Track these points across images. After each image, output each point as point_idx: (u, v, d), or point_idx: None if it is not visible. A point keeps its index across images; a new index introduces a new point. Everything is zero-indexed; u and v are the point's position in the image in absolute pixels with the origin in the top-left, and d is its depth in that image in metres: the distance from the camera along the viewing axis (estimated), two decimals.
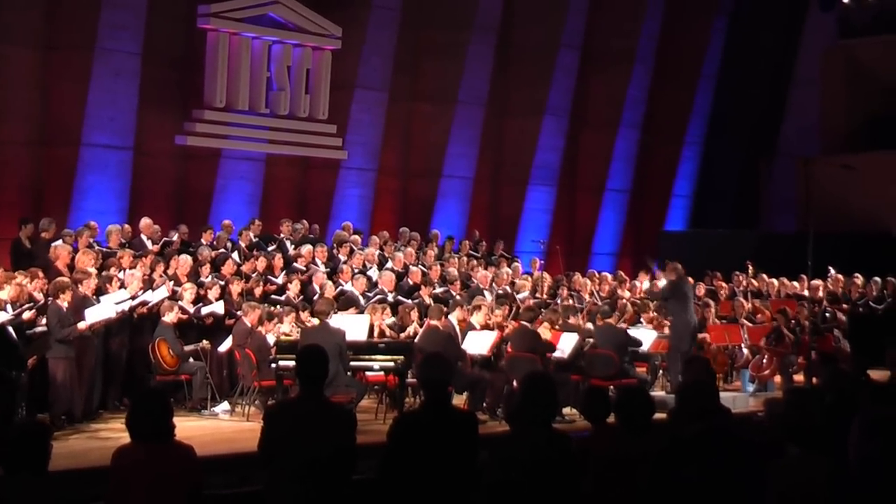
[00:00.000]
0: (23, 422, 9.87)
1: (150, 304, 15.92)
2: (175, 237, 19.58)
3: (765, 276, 23.02)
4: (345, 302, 17.80)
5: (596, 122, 28.99)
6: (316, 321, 15.34)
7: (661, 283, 18.96)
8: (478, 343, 16.35)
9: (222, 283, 17.45)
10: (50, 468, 6.40)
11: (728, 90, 31.09)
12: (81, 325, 14.28)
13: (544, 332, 16.46)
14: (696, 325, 18.34)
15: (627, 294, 21.30)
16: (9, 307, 13.51)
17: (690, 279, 19.50)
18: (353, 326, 15.68)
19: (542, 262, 23.71)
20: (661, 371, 18.77)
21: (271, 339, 15.71)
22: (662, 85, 29.71)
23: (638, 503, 7.17)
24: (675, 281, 18.37)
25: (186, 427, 13.16)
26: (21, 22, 20.40)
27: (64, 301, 14.18)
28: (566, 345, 16.63)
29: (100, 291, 15.38)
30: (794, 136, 31.07)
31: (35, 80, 20.80)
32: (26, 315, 13.72)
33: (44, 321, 14.15)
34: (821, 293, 21.57)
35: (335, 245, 21.02)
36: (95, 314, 14.61)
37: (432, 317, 16.24)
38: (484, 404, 16.03)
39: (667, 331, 18.35)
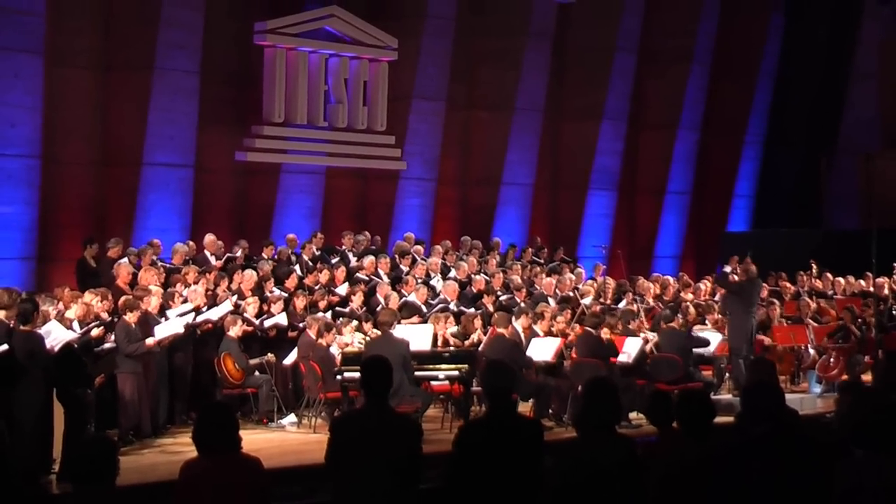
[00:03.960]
0: (90, 437, 9.99)
1: (214, 320, 16.05)
2: (238, 253, 19.71)
3: (829, 274, 22.84)
4: (408, 310, 17.86)
5: (654, 124, 28.88)
6: (379, 332, 15.38)
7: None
8: (542, 349, 16.34)
9: (286, 296, 17.55)
10: (119, 483, 6.46)
11: (787, 87, 30.87)
12: (150, 341, 14.44)
13: (605, 337, 16.43)
14: (753, 330, 18.12)
15: (691, 297, 21.17)
16: (76, 325, 13.66)
17: None
18: (416, 336, 15.73)
19: (605, 266, 23.65)
20: (726, 374, 18.65)
21: (334, 350, 15.77)
22: (720, 84, 29.54)
23: None
24: (744, 282, 18.27)
25: (253, 439, 13.26)
26: (79, 44, 20.62)
27: (132, 318, 14.33)
28: (631, 349, 16.58)
29: (164, 308, 15.55)
30: (854, 132, 30.75)
31: (94, 101, 20.99)
32: (94, 332, 13.86)
33: (112, 338, 14.31)
34: (886, 290, 21.35)
35: (397, 255, 21.07)
36: (164, 330, 14.78)
37: (498, 324, 16.22)
38: (550, 411, 16.03)
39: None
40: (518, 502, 7.15)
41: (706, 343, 17.25)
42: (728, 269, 23.96)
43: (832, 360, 18.82)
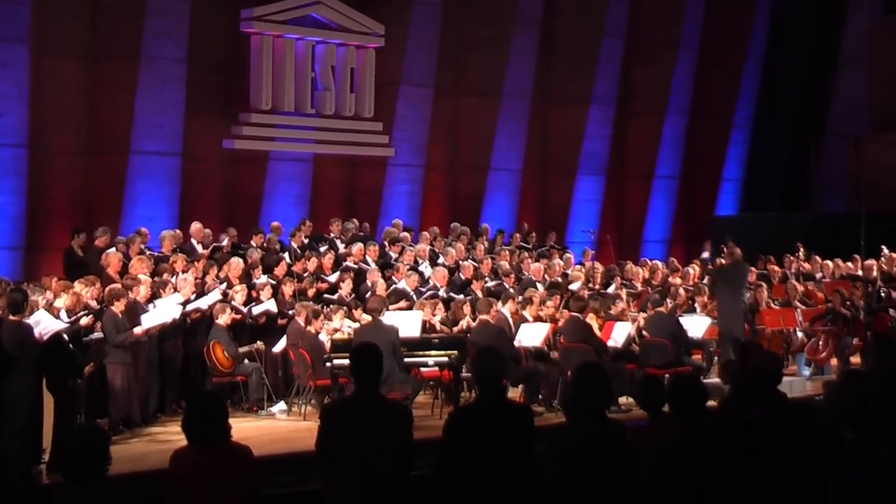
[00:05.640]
0: (82, 428, 9.97)
1: (203, 309, 16.03)
2: (225, 241, 19.69)
3: (818, 257, 22.88)
4: (396, 296, 17.85)
5: (643, 110, 28.90)
6: (368, 319, 15.37)
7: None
8: (531, 335, 16.34)
9: (274, 283, 17.54)
10: (110, 472, 6.45)
11: (775, 72, 30.90)
12: (138, 331, 14.42)
13: (591, 321, 16.45)
14: (746, 311, 18.20)
15: (679, 281, 21.18)
16: (64, 315, 13.63)
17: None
18: (405, 323, 15.71)
19: (594, 252, 23.65)
20: (716, 358, 18.67)
21: (323, 337, 15.77)
22: (708, 69, 29.56)
23: (695, 492, 7.16)
24: (729, 265, 18.29)
25: (243, 428, 13.27)
26: (65, 33, 20.58)
27: (119, 308, 14.31)
28: (619, 334, 16.59)
29: (154, 297, 15.53)
30: (843, 116, 30.77)
31: (82, 91, 20.97)
32: (84, 321, 13.83)
33: (100, 327, 14.29)
34: (875, 273, 21.37)
35: (386, 242, 21.04)
36: (152, 319, 14.76)
37: (482, 311, 16.23)
38: (539, 396, 16.04)
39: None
40: (509, 488, 7.16)
41: (689, 341, 17.24)
42: (706, 254, 23.98)
43: (821, 343, 18.86)
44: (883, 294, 20.46)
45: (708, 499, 7.11)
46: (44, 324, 12.71)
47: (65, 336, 13.02)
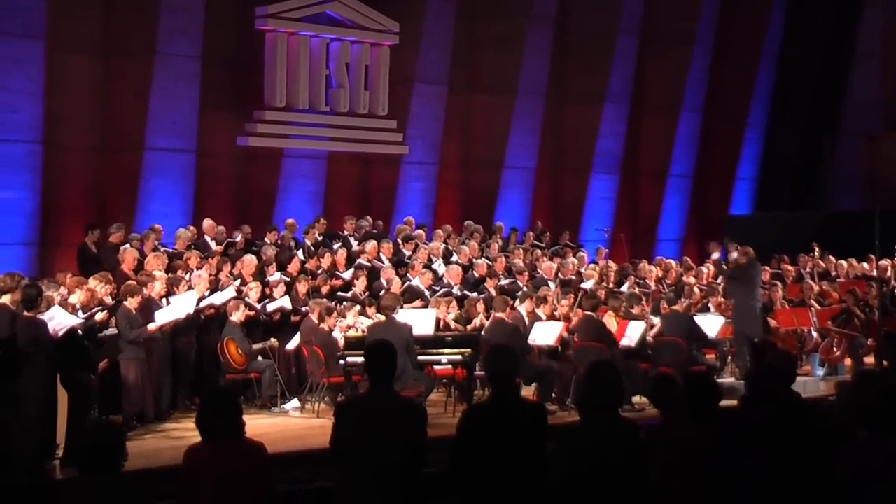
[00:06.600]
0: (97, 423, 9.98)
1: (217, 306, 16.04)
2: (238, 237, 19.71)
3: (832, 257, 22.80)
4: (410, 294, 17.85)
5: (657, 107, 28.82)
6: (382, 317, 15.37)
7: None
8: (545, 333, 16.33)
9: (287, 280, 17.55)
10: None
11: (789, 69, 30.79)
12: (152, 327, 14.44)
13: (609, 320, 16.42)
14: (762, 311, 18.15)
15: (693, 280, 21.13)
16: (79, 312, 13.64)
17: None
18: (419, 321, 15.71)
19: (608, 250, 23.60)
20: (729, 357, 18.64)
21: (336, 334, 15.77)
22: (723, 66, 29.48)
23: (707, 490, 7.15)
24: (745, 264, 18.22)
25: (257, 424, 13.28)
26: (79, 29, 20.60)
27: (133, 304, 14.33)
28: (633, 332, 16.56)
29: (168, 293, 15.54)
30: (857, 113, 30.64)
31: (95, 87, 20.98)
32: (98, 317, 13.84)
33: (115, 323, 14.31)
34: (889, 273, 21.30)
35: (400, 240, 21.03)
36: (165, 315, 14.77)
37: (497, 309, 16.22)
38: (553, 395, 16.02)
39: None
40: (522, 486, 7.15)
41: (704, 336, 17.21)
42: (716, 255, 23.87)
43: (835, 343, 18.81)
44: None
45: (718, 497, 7.10)
46: (57, 319, 12.73)
47: (79, 332, 13.04)
